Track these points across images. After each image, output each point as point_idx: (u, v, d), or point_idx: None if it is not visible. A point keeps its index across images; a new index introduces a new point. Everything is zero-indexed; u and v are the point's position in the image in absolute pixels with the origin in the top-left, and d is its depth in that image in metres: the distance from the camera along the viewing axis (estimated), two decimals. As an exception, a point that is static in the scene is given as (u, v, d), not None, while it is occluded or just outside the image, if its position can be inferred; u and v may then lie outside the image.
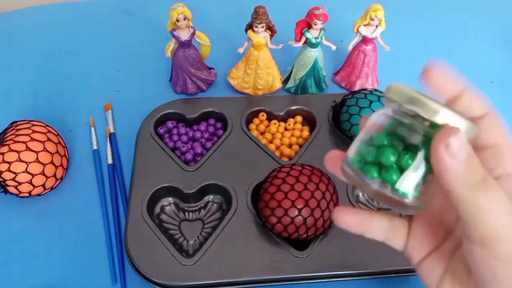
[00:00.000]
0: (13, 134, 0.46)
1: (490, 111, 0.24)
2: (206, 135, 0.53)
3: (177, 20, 0.51)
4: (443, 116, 0.21)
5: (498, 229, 0.21)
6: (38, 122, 0.49)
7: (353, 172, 0.24)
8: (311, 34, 0.54)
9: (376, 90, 0.53)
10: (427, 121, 0.22)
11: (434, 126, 0.22)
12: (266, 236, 0.44)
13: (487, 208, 0.21)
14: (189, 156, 0.51)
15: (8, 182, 0.45)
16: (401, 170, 0.22)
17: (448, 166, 0.20)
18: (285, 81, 0.60)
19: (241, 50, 0.56)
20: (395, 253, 0.42)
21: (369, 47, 0.57)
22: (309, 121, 0.56)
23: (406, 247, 0.28)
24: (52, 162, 0.47)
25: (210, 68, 0.60)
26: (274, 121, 0.55)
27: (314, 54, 0.56)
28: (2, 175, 0.45)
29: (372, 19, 0.54)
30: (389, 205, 0.23)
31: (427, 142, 0.22)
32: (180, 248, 0.44)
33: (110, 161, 0.52)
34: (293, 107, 0.56)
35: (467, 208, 0.21)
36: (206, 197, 0.48)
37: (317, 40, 0.54)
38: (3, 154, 0.44)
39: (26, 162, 0.45)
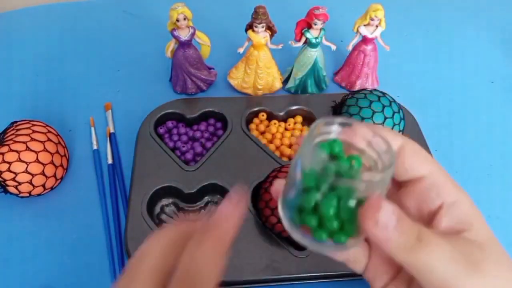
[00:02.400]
0: (13, 134, 0.46)
1: (404, 142, 0.25)
2: (206, 135, 0.53)
3: (177, 20, 0.51)
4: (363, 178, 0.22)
5: (449, 280, 0.21)
6: (38, 122, 0.49)
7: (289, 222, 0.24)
8: (311, 34, 0.54)
9: (376, 90, 0.53)
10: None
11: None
12: (266, 236, 0.44)
13: (431, 266, 0.21)
14: (189, 156, 0.51)
15: (8, 182, 0.45)
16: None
17: (382, 238, 0.21)
18: (285, 81, 0.60)
19: (241, 50, 0.56)
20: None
21: (369, 47, 0.57)
22: (309, 121, 0.56)
23: (366, 274, 0.27)
24: (52, 162, 0.47)
25: (210, 68, 0.60)
26: (274, 121, 0.55)
27: (314, 54, 0.56)
28: (2, 175, 0.45)
29: (372, 19, 0.54)
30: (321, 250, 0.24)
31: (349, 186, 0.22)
32: (180, 248, 0.44)
33: (110, 161, 0.52)
34: (293, 107, 0.56)
35: (414, 269, 0.22)
36: (206, 197, 0.48)
37: (317, 40, 0.54)
38: (3, 154, 0.44)
39: (26, 162, 0.45)
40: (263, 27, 0.52)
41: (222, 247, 0.21)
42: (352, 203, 0.22)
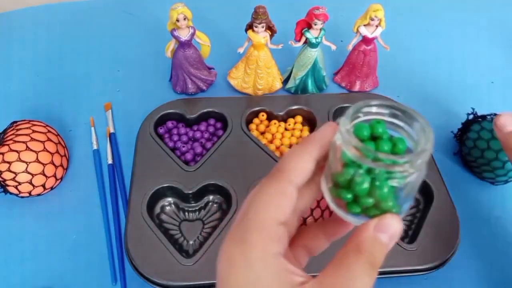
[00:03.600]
0: (13, 134, 0.46)
1: None
2: (206, 135, 0.53)
3: (177, 20, 0.51)
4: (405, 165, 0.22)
5: None
6: (38, 122, 0.49)
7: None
8: (311, 34, 0.54)
9: None
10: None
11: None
12: (266, 236, 0.44)
13: None
14: (189, 156, 0.51)
15: (8, 182, 0.45)
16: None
17: None
18: (285, 81, 0.60)
19: (241, 50, 0.56)
20: (394, 253, 0.42)
21: (369, 47, 0.57)
22: (309, 121, 0.56)
23: None
24: (52, 162, 0.47)
25: (210, 68, 0.60)
26: (274, 121, 0.55)
27: (314, 54, 0.56)
28: (2, 175, 0.45)
29: (372, 19, 0.54)
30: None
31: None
32: (180, 248, 0.44)
33: (110, 161, 0.52)
34: (293, 107, 0.56)
35: None
36: (206, 197, 0.48)
37: (317, 40, 0.54)
38: (3, 154, 0.44)
39: (26, 162, 0.45)
40: (263, 27, 0.52)
41: (309, 148, 0.25)
42: (388, 184, 0.22)
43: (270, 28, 0.53)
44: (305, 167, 0.24)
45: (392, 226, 0.23)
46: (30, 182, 0.46)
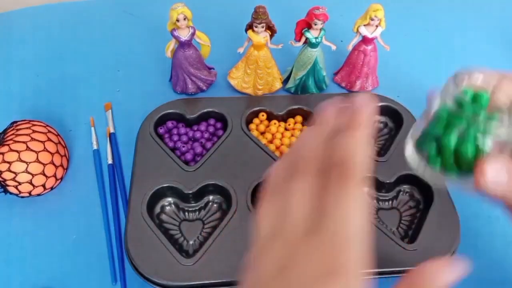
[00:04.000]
0: (13, 134, 0.46)
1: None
2: (206, 135, 0.53)
3: (177, 20, 0.51)
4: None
5: None
6: (38, 122, 0.49)
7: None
8: (311, 34, 0.54)
9: None
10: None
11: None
12: (266, 236, 0.44)
13: None
14: (189, 156, 0.51)
15: (8, 182, 0.45)
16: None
17: (494, 194, 0.24)
18: (285, 81, 0.60)
19: (241, 50, 0.56)
20: (394, 253, 0.42)
21: (369, 47, 0.57)
22: (309, 121, 0.56)
23: None
24: (52, 162, 0.47)
25: (210, 68, 0.60)
26: (274, 121, 0.55)
27: (314, 54, 0.56)
28: (2, 175, 0.45)
29: (372, 19, 0.54)
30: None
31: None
32: (180, 248, 0.44)
33: (110, 161, 0.52)
34: (293, 107, 0.56)
35: None
36: (206, 197, 0.48)
37: (317, 40, 0.54)
38: (3, 154, 0.44)
39: (26, 162, 0.45)
40: (263, 27, 0.52)
41: (367, 134, 0.23)
42: (474, 144, 0.23)
43: (270, 28, 0.53)
44: None
45: (450, 276, 0.22)
46: (30, 182, 0.46)
